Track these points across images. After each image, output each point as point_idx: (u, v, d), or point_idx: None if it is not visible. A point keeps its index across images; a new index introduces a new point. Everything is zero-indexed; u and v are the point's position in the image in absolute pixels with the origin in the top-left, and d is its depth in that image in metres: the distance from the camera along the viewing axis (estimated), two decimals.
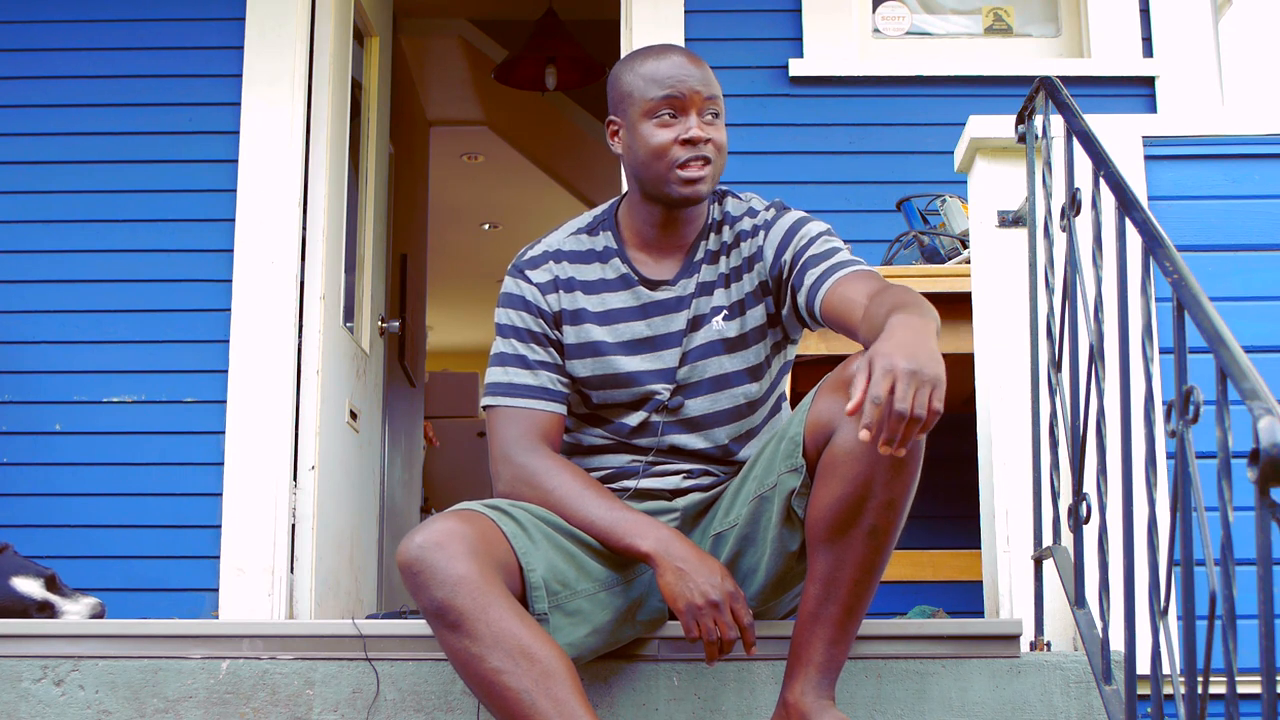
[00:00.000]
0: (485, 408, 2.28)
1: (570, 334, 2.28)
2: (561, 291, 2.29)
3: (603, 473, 2.31)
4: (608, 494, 2.17)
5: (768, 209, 2.31)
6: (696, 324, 2.28)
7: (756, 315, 2.28)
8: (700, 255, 2.30)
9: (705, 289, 2.28)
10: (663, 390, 2.27)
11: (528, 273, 2.30)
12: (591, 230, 2.34)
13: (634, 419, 2.29)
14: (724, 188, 2.37)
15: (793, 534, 2.13)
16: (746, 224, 2.30)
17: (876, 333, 1.93)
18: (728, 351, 2.28)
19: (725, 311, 2.27)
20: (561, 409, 2.27)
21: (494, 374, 2.28)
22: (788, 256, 2.23)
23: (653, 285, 2.29)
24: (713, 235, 2.31)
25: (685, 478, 2.30)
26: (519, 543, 2.06)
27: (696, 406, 2.28)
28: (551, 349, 2.28)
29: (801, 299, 2.20)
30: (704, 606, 2.03)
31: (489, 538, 2.01)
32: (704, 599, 2.03)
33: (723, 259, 2.30)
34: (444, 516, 2.02)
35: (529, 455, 2.20)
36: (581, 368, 2.28)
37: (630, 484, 2.30)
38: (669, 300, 2.28)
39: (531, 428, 2.23)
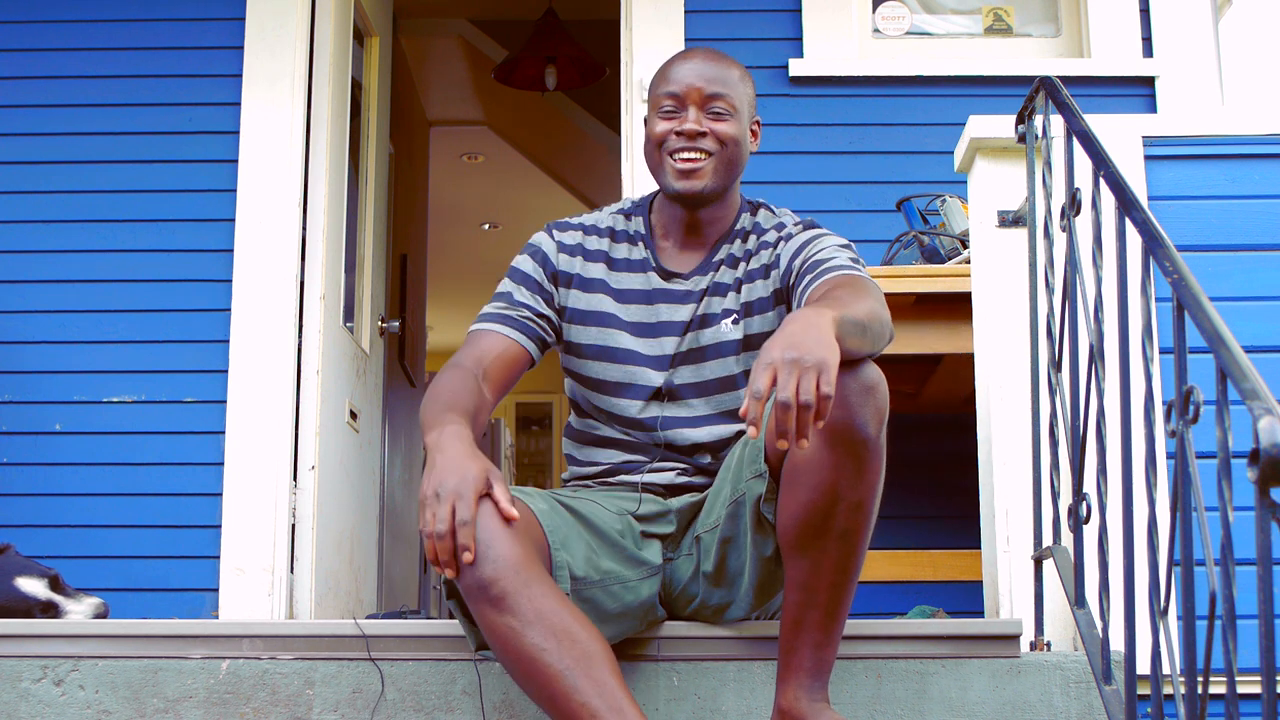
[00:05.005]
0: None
1: (580, 300, 2.36)
2: (581, 258, 2.37)
3: (605, 466, 2.35)
4: (457, 411, 2.12)
5: (796, 224, 2.36)
6: (704, 322, 2.32)
7: (768, 320, 2.32)
8: (720, 256, 2.35)
9: (719, 290, 2.33)
10: (657, 378, 2.31)
11: (555, 232, 2.40)
12: (629, 214, 2.43)
13: (634, 409, 2.32)
14: (760, 200, 2.43)
15: (765, 539, 2.13)
16: (772, 235, 2.35)
17: None
18: (734, 354, 2.31)
19: (735, 315, 2.32)
20: (521, 340, 2.30)
21: (483, 308, 2.37)
22: (796, 263, 2.27)
23: (667, 275, 2.36)
24: (738, 241, 2.36)
25: (680, 474, 2.32)
26: (548, 521, 2.09)
27: (700, 405, 2.32)
28: (540, 299, 2.34)
29: (795, 305, 2.24)
30: (428, 497, 1.93)
31: (525, 518, 2.04)
32: (433, 490, 1.93)
33: (742, 264, 2.34)
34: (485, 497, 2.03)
35: (448, 366, 2.24)
36: (584, 334, 2.35)
37: (632, 478, 2.33)
38: (677, 292, 2.34)
39: (482, 349, 2.27)
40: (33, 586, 2.64)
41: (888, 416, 1.96)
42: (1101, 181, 2.14)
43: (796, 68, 4.07)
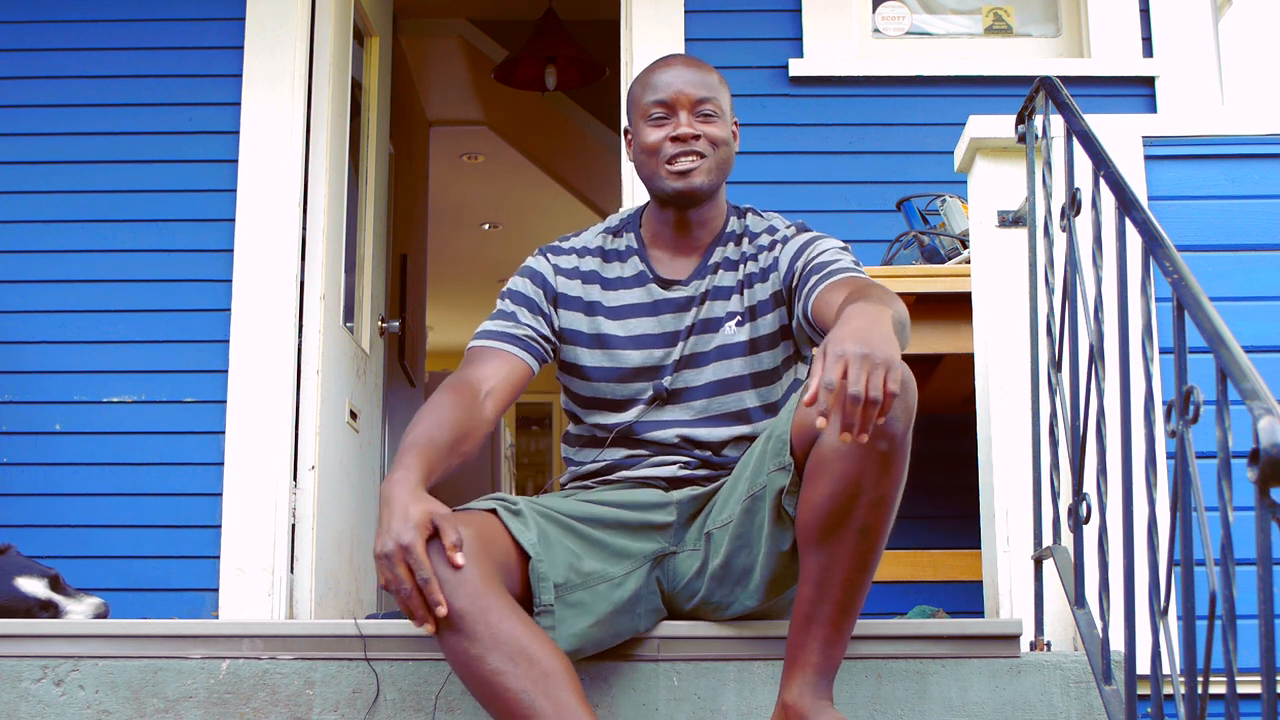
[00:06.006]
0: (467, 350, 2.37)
1: (583, 323, 2.38)
2: (579, 281, 2.40)
3: (604, 463, 2.37)
4: (421, 447, 2.11)
5: (789, 227, 2.40)
6: (707, 326, 2.35)
7: (769, 323, 2.35)
8: (716, 259, 2.39)
9: (720, 294, 2.37)
10: (662, 384, 2.34)
11: (550, 256, 2.43)
12: (617, 232, 2.46)
13: (635, 413, 2.34)
14: (747, 205, 2.46)
15: (784, 533, 2.13)
16: (765, 239, 2.38)
17: None
18: (738, 356, 2.34)
19: (739, 317, 2.35)
20: (527, 358, 2.32)
21: (482, 325, 2.37)
22: (799, 265, 2.29)
23: (666, 284, 2.39)
24: (732, 245, 2.40)
25: (682, 467, 2.34)
26: (524, 537, 2.08)
27: (699, 407, 2.34)
28: (541, 319, 2.37)
29: (799, 307, 2.26)
30: (381, 560, 1.93)
31: (488, 535, 2.04)
32: (383, 552, 1.92)
33: (740, 267, 2.37)
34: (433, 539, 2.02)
35: (445, 384, 2.24)
36: (589, 357, 2.37)
37: (629, 474, 2.34)
38: (680, 299, 2.37)
39: (491, 367, 2.28)
40: (33, 586, 2.64)
41: (915, 416, 1.97)
42: (1101, 181, 2.14)
43: (796, 68, 4.07)
